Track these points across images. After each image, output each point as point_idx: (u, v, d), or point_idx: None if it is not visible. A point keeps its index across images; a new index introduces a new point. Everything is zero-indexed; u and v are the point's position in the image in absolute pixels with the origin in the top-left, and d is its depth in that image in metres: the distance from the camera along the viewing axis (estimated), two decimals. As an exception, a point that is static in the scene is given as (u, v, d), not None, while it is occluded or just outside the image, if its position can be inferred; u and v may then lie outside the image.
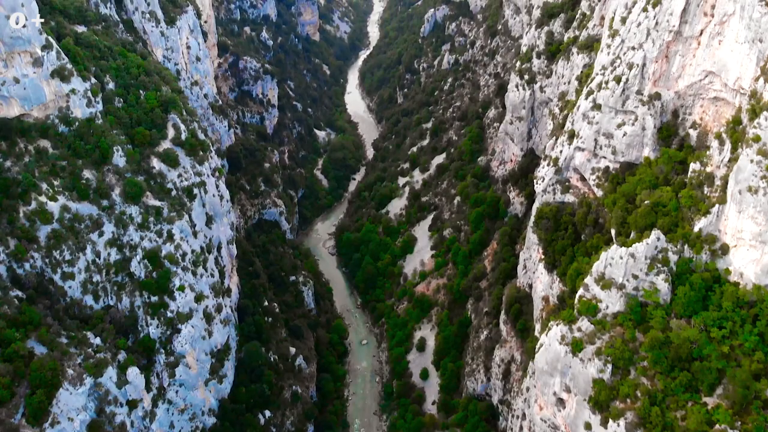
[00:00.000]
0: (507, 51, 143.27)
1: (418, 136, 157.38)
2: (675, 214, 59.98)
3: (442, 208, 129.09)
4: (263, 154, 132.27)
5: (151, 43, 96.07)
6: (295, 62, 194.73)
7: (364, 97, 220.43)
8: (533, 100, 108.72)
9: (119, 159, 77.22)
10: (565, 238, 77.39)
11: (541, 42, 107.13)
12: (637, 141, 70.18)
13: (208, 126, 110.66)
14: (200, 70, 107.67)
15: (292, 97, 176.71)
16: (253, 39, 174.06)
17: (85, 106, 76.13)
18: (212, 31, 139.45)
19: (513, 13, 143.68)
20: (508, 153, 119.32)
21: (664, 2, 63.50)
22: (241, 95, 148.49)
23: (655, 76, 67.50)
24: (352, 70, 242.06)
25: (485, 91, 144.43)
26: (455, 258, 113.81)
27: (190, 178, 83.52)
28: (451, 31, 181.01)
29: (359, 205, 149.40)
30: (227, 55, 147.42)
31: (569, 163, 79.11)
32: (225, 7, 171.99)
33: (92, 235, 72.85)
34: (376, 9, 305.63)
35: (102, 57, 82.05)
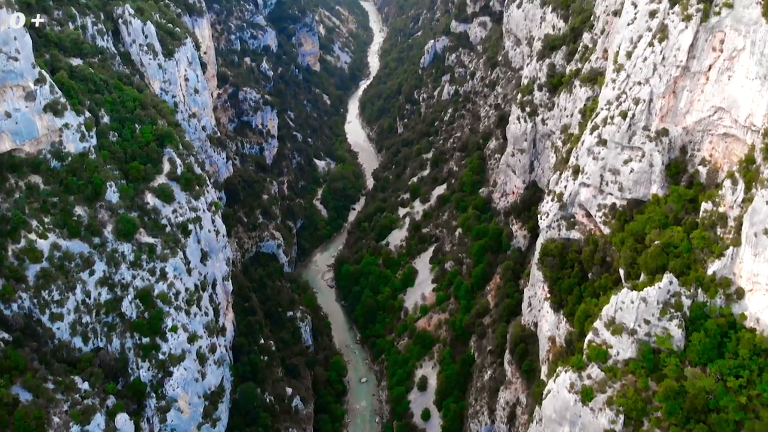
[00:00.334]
0: (507, 82, 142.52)
1: (418, 166, 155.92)
2: (687, 255, 57.69)
3: (443, 240, 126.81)
4: (262, 186, 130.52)
5: (149, 76, 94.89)
6: (296, 92, 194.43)
7: (364, 127, 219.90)
8: (535, 133, 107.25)
9: (112, 195, 75.19)
10: (572, 277, 75.02)
11: (543, 74, 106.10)
12: (644, 178, 68.27)
13: (205, 158, 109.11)
14: (198, 102, 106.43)
15: (292, 127, 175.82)
16: (253, 70, 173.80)
17: (78, 141, 74.39)
18: (212, 62, 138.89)
19: (513, 44, 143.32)
20: (510, 185, 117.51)
21: (671, 37, 62.16)
22: (240, 126, 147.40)
23: (663, 111, 65.91)
24: (352, 100, 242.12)
25: (486, 122, 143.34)
26: (457, 292, 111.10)
27: (185, 214, 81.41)
28: (451, 62, 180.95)
29: (359, 236, 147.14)
30: (227, 86, 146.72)
31: (574, 198, 77.15)
32: (225, 38, 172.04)
33: (82, 273, 70.55)
34: (377, 39, 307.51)
35: (97, 90, 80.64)
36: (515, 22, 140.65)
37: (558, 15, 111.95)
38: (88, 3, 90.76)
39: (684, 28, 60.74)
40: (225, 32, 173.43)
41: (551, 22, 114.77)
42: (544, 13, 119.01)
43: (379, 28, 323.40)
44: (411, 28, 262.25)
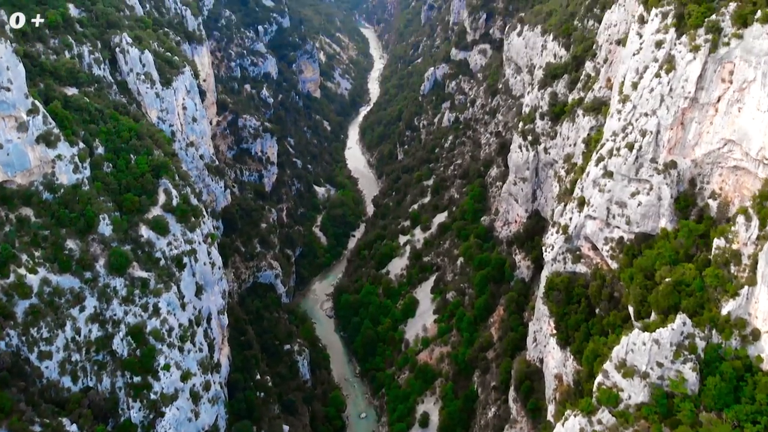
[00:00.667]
0: (508, 110, 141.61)
1: (418, 193, 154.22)
2: (700, 294, 55.41)
3: (445, 269, 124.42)
4: (260, 214, 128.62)
5: (146, 105, 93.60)
6: (296, 119, 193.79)
7: (365, 153, 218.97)
8: (537, 162, 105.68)
9: (105, 227, 73.17)
10: (579, 312, 72.56)
11: (545, 103, 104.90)
12: (652, 211, 66.32)
13: (203, 187, 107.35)
14: (196, 131, 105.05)
15: (291, 154, 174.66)
16: (253, 97, 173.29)
17: (71, 172, 72.67)
18: (211, 90, 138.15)
19: (514, 72, 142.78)
20: (512, 214, 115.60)
21: (678, 68, 60.76)
22: (239, 153, 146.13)
23: (670, 143, 64.23)
24: (352, 126, 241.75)
25: (486, 150, 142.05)
26: (459, 324, 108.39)
27: (180, 246, 79.25)
28: (451, 89, 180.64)
29: (359, 264, 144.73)
30: (226, 113, 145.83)
31: (580, 231, 75.10)
32: (225, 65, 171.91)
33: (73, 310, 68.27)
34: (377, 66, 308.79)
35: (92, 120, 79.14)
36: (516, 50, 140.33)
37: (559, 43, 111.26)
38: (85, 32, 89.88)
39: (692, 58, 59.39)
40: (225, 59, 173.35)
41: (552, 51, 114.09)
42: (545, 41, 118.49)
43: (379, 55, 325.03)
44: (411, 55, 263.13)
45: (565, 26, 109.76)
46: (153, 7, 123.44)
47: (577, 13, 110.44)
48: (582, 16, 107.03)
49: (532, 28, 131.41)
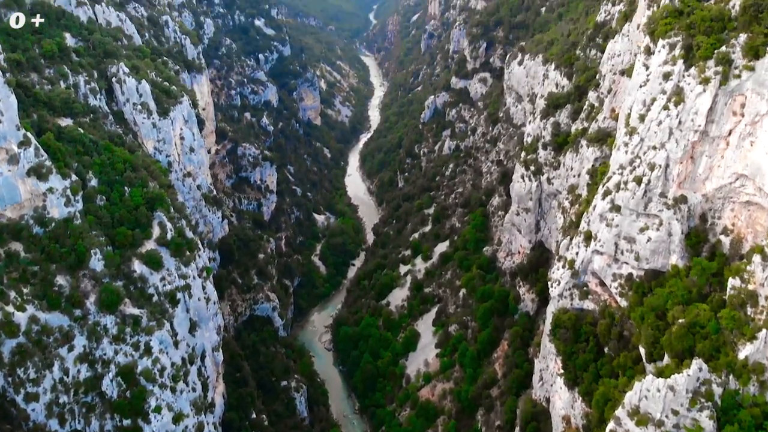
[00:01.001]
0: (509, 138, 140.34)
1: (419, 221, 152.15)
2: (715, 337, 52.83)
3: (447, 301, 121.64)
4: (258, 245, 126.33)
5: (142, 135, 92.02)
6: (296, 147, 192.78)
7: (365, 180, 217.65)
8: (540, 192, 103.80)
9: (97, 263, 70.80)
10: (587, 351, 69.81)
11: (547, 133, 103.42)
12: (663, 247, 64.05)
13: (200, 218, 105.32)
14: (194, 161, 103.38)
15: (291, 182, 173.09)
16: (253, 125, 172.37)
17: (63, 206, 70.59)
18: (210, 118, 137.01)
19: (514, 101, 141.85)
20: (515, 244, 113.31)
21: (687, 100, 59.07)
22: (238, 182, 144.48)
23: (680, 177, 62.26)
24: (353, 153, 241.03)
25: (488, 178, 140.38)
26: (462, 359, 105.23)
27: (174, 281, 76.79)
28: (451, 117, 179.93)
29: (358, 295, 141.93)
30: (226, 141, 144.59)
31: (587, 266, 72.76)
32: (225, 94, 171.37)
33: (61, 349, 65.62)
34: (377, 93, 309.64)
35: (86, 152, 77.32)
36: (516, 79, 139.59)
37: (561, 73, 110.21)
38: (82, 61, 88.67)
39: (702, 91, 57.74)
40: (225, 88, 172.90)
41: (554, 80, 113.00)
42: (547, 70, 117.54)
43: (379, 83, 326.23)
44: (411, 83, 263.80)
45: (567, 56, 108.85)
46: (152, 36, 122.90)
47: (579, 42, 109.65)
48: (584, 45, 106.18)
49: (533, 57, 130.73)
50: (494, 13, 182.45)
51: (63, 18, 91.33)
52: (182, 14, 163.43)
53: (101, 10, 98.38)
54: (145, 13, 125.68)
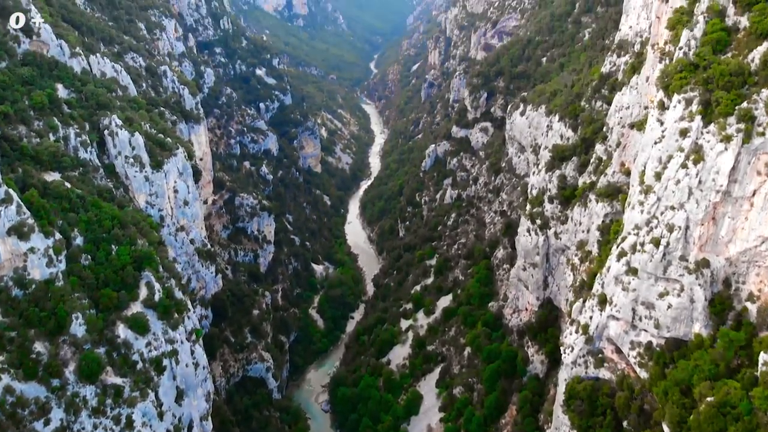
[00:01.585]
0: (512, 189, 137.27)
1: (421, 273, 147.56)
2: (748, 419, 47.84)
3: (451, 360, 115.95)
4: (252, 300, 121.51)
5: (134, 189, 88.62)
6: (295, 195, 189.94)
7: (365, 227, 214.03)
8: (547, 247, 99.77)
9: (78, 328, 66.12)
10: (604, 426, 64.44)
11: (554, 186, 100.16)
12: (685, 315, 59.52)
13: (192, 274, 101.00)
14: (188, 214, 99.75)
15: (290, 231, 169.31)
16: (252, 174, 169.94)
17: (44, 267, 66.40)
18: (208, 169, 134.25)
19: (517, 151, 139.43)
20: (522, 300, 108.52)
21: (707, 159, 55.62)
22: (235, 232, 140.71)
23: (702, 240, 58.27)
24: (353, 200, 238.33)
25: (491, 229, 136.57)
26: (468, 426, 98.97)
27: (161, 347, 71.84)
28: (452, 165, 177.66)
29: (357, 351, 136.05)
30: (223, 191, 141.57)
31: (602, 332, 68.03)
32: (225, 142, 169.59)
33: (37, 423, 60.15)
34: (378, 141, 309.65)
35: (71, 208, 73.60)
36: (518, 129, 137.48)
37: (566, 124, 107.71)
38: (73, 113, 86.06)
39: (723, 149, 54.36)
40: (225, 137, 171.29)
41: (559, 131, 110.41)
42: (551, 121, 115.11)
43: (380, 130, 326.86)
44: (411, 131, 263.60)
45: (572, 107, 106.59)
46: (150, 86, 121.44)
47: (583, 94, 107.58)
48: (589, 97, 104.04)
49: (536, 108, 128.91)
50: (494, 63, 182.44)
51: (56, 69, 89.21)
52: (182, 64, 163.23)
53: (96, 61, 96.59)
54: (143, 63, 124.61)
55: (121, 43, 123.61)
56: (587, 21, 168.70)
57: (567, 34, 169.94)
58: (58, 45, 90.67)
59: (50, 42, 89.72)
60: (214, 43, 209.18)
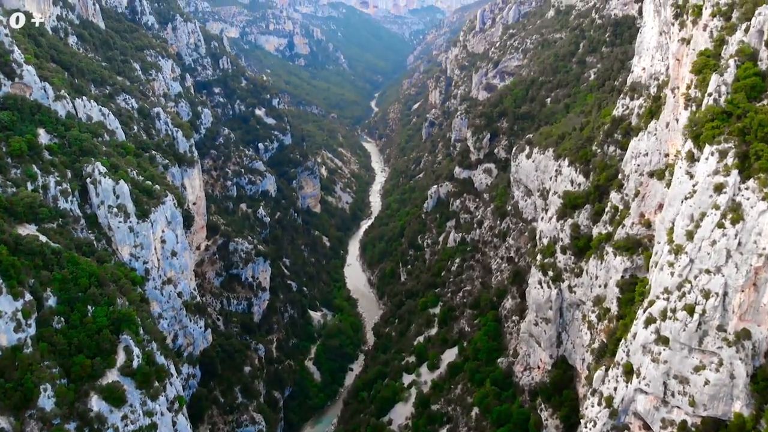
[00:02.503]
0: (520, 234, 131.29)
1: (424, 323, 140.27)
2: None
3: (458, 422, 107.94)
4: (244, 356, 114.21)
5: (116, 241, 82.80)
6: (293, 237, 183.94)
7: (365, 270, 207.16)
8: (561, 301, 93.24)
9: (47, 401, 59.51)
10: None
11: (566, 235, 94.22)
12: (724, 392, 52.76)
13: (179, 329, 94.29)
14: (176, 266, 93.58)
15: (286, 276, 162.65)
16: (249, 216, 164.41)
17: (11, 332, 60.29)
18: (201, 213, 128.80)
19: (523, 195, 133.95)
20: (534, 357, 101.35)
21: (747, 219, 49.78)
22: (228, 279, 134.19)
23: (742, 308, 51.93)
24: (353, 241, 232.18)
25: (498, 277, 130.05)
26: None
27: (139, 420, 64.92)
28: (455, 207, 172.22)
29: (356, 409, 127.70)
30: (217, 236, 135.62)
31: (628, 406, 61.07)
32: (221, 184, 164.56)
33: None
34: (378, 179, 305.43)
35: (45, 265, 67.65)
36: (525, 172, 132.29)
37: (577, 169, 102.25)
38: (54, 160, 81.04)
39: (765, 208, 48.58)
40: (221, 178, 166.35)
41: (569, 177, 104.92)
42: (560, 166, 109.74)
43: (380, 168, 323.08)
44: (413, 169, 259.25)
45: (583, 151, 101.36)
46: (142, 128, 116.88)
47: (594, 137, 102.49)
48: (601, 141, 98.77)
49: (543, 151, 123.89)
50: (497, 104, 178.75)
51: (38, 112, 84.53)
52: (179, 104, 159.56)
53: (82, 104, 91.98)
54: (135, 105, 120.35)
55: (114, 84, 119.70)
56: (592, 61, 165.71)
57: (571, 74, 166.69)
58: (42, 87, 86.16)
59: (33, 84, 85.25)
60: (213, 83, 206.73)
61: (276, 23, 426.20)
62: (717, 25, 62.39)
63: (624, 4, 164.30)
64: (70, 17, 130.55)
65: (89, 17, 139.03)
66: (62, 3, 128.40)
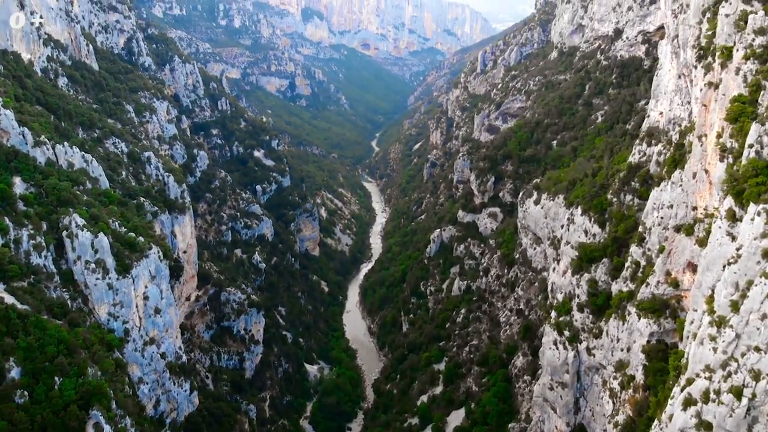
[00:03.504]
0: (529, 284, 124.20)
1: (428, 380, 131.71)
2: None
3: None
4: (233, 419, 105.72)
5: (93, 300, 75.84)
6: (289, 284, 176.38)
7: (365, 317, 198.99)
8: (579, 364, 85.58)
9: (-4, 494, 51.64)
10: None
11: (582, 292, 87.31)
12: (782, 490, 45.15)
13: (162, 394, 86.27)
14: (159, 324, 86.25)
15: (281, 326, 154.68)
16: (243, 262, 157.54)
17: (-37, 411, 52.90)
18: (192, 262, 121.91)
19: (532, 242, 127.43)
20: (548, 425, 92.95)
21: (804, 290, 43.09)
22: (219, 332, 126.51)
23: (801, 393, 44.76)
24: (352, 285, 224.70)
25: (508, 331, 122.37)
26: None
27: None
28: (459, 252, 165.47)
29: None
30: (208, 285, 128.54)
31: (667, 500, 53.14)
32: (215, 229, 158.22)
33: None
34: (379, 220, 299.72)
35: (9, 331, 60.77)
36: (533, 219, 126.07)
37: (591, 219, 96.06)
38: (29, 211, 74.90)
39: (826, 280, 41.94)
40: (216, 223, 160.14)
41: (582, 226, 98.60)
42: (572, 214, 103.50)
43: (381, 209, 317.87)
44: (414, 211, 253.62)
45: (597, 200, 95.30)
46: (131, 174, 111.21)
47: (609, 185, 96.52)
48: (617, 189, 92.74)
49: (552, 197, 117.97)
50: (501, 146, 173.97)
51: (15, 159, 78.82)
52: (174, 147, 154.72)
53: (63, 151, 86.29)
54: (125, 149, 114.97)
55: (103, 128, 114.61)
56: (599, 103, 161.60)
57: (578, 116, 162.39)
58: (20, 133, 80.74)
59: (11, 130, 79.84)
60: (211, 125, 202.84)
61: (278, 64, 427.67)
62: (751, 69, 56.89)
63: (630, 46, 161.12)
64: (62, 58, 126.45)
65: (82, 58, 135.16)
66: (53, 43, 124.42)
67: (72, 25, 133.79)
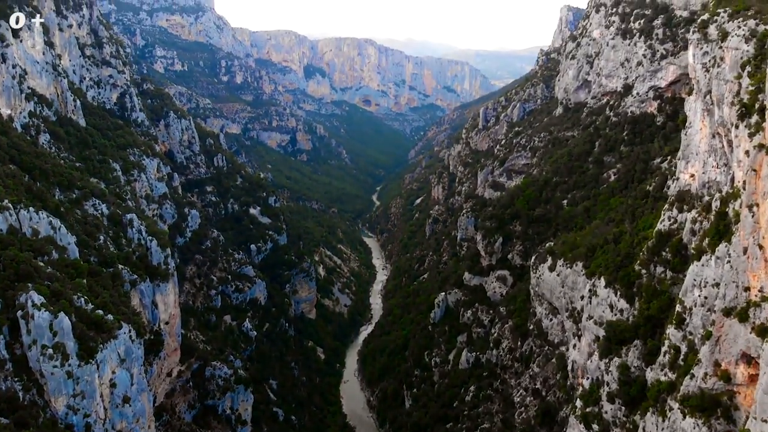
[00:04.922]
0: (546, 360, 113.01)
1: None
2: None
3: None
4: None
5: (49, 391, 65.19)
6: (282, 353, 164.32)
7: (364, 389, 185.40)
8: (611, 464, 74.04)
9: None
10: None
11: (613, 379, 76.61)
12: None
13: (128, 500, 74.21)
14: (128, 415, 75.07)
15: (272, 402, 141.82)
16: (233, 330, 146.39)
17: None
18: (174, 334, 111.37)
19: (547, 312, 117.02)
20: None
21: None
22: (202, 413, 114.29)
23: None
24: (351, 351, 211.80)
25: (523, 414, 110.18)
26: None
27: None
28: (466, 319, 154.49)
29: None
30: (192, 359, 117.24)
31: None
32: (204, 294, 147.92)
33: None
34: (379, 278, 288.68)
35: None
36: (548, 287, 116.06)
37: (617, 292, 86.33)
38: (-20, 289, 65.22)
39: None
40: (205, 287, 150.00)
41: (607, 300, 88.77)
42: (594, 285, 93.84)
43: (382, 265, 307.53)
44: (416, 269, 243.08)
45: (624, 271, 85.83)
46: (110, 238, 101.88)
47: (635, 254, 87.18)
48: (645, 260, 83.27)
49: (569, 264, 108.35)
50: (509, 205, 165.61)
51: (-30, 229, 69.81)
52: (163, 206, 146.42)
53: (27, 216, 77.27)
54: (106, 211, 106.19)
55: (83, 188, 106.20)
56: (610, 161, 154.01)
57: (589, 174, 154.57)
58: (-21, 198, 71.61)
59: (-32, 195, 70.76)
60: (205, 182, 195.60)
61: (279, 120, 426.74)
62: (816, 131, 48.80)
63: (641, 102, 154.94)
64: (45, 113, 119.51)
65: (68, 114, 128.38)
66: (37, 98, 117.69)
67: (59, 80, 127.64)
